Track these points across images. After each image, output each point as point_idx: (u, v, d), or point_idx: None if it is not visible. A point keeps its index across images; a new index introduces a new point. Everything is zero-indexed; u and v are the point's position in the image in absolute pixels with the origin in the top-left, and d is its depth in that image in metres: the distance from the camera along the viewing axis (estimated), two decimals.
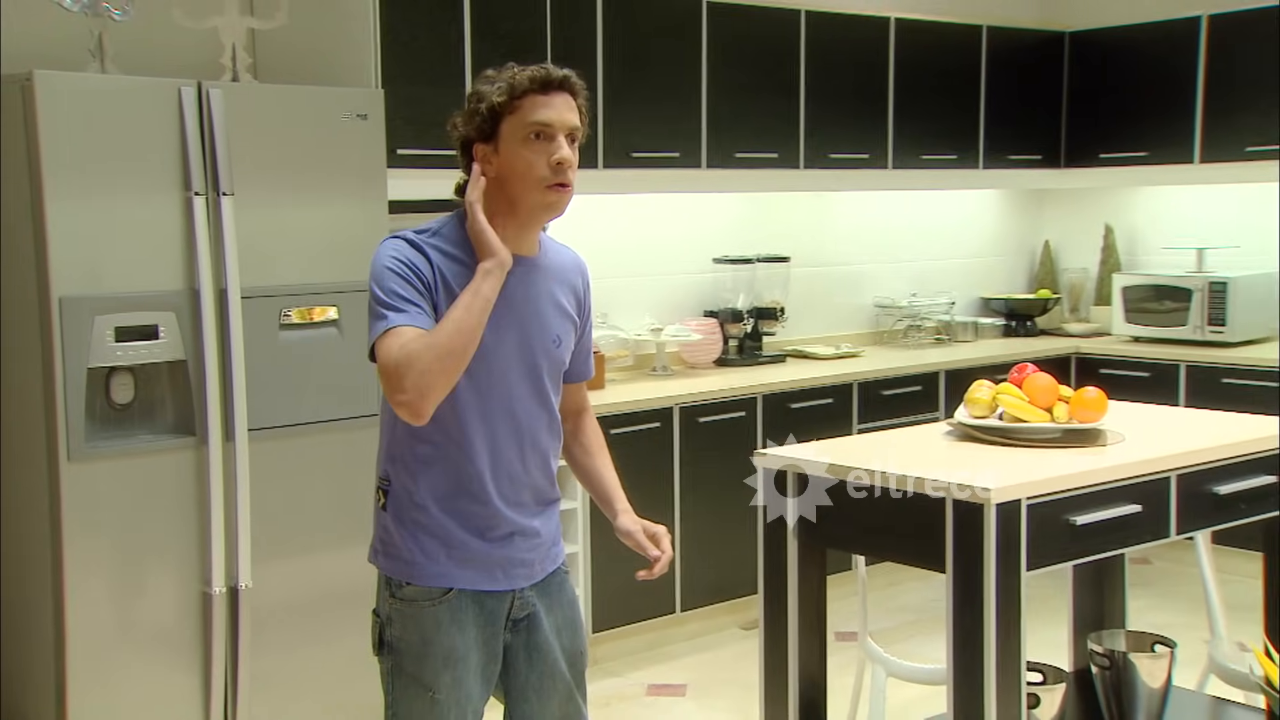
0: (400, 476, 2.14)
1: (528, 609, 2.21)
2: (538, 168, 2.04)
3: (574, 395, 2.35)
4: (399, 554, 2.15)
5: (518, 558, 2.17)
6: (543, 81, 2.05)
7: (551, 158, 2.04)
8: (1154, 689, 2.91)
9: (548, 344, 2.16)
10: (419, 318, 1.99)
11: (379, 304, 2.01)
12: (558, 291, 2.19)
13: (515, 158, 2.05)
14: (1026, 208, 6.40)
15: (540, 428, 2.17)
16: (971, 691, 2.32)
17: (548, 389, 2.18)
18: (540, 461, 2.19)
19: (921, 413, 5.05)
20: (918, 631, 4.66)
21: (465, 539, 2.12)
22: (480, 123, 2.06)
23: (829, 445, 2.78)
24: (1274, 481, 2.79)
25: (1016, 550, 2.30)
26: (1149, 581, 5.09)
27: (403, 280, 2.02)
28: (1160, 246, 5.93)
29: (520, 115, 2.04)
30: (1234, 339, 5.36)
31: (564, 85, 2.08)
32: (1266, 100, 5.25)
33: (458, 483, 2.11)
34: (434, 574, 2.12)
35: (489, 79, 2.09)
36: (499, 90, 2.05)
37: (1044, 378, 2.72)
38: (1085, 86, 5.87)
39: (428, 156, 3.94)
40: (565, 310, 2.21)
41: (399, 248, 2.06)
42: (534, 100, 2.04)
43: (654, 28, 4.58)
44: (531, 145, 2.04)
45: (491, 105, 2.04)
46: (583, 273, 2.28)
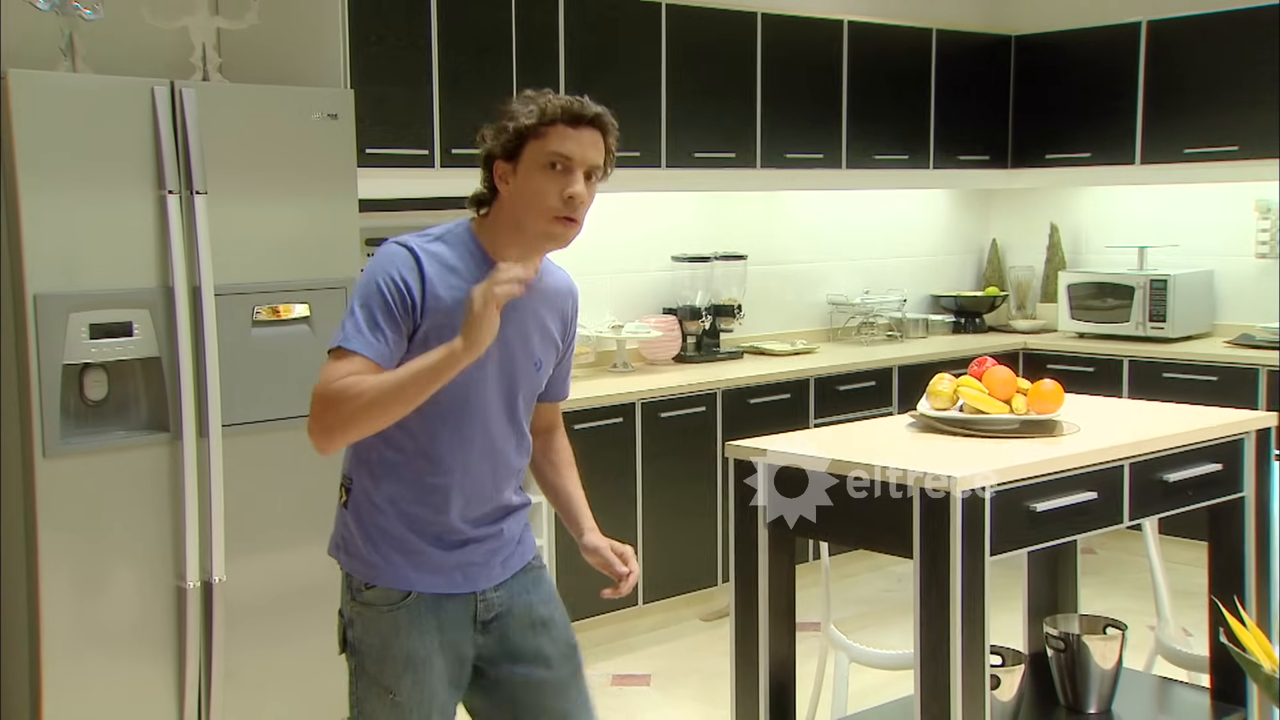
0: (362, 478, 2.14)
1: (494, 610, 2.21)
2: (549, 197, 2.03)
3: (547, 414, 2.35)
4: (359, 554, 2.15)
5: (476, 560, 2.17)
6: (573, 114, 2.05)
7: (564, 191, 2.03)
8: (1106, 670, 3.03)
9: (529, 368, 2.17)
10: (380, 350, 2.00)
11: (351, 316, 2.02)
12: (546, 315, 2.19)
13: (530, 182, 2.04)
14: (974, 207, 6.55)
15: (510, 448, 2.18)
16: (938, 673, 2.42)
17: (520, 411, 2.19)
18: (508, 479, 2.20)
19: (875, 407, 5.17)
20: (872, 621, 4.78)
21: (420, 545, 2.13)
22: (506, 141, 2.06)
23: (798, 438, 2.87)
24: (1219, 469, 2.92)
25: (980, 536, 2.40)
26: (1096, 570, 5.25)
27: (385, 305, 2.01)
28: (1103, 245, 6.10)
29: (544, 142, 2.03)
30: (1174, 334, 5.54)
31: (594, 122, 2.07)
32: (1204, 104, 5.42)
33: (418, 493, 2.11)
34: (392, 577, 2.12)
35: (526, 99, 2.09)
36: (530, 113, 2.04)
37: (1003, 371, 2.83)
38: (1031, 89, 6.02)
39: (396, 156, 3.99)
40: (550, 334, 2.21)
41: (396, 262, 2.05)
42: (561, 131, 2.04)
43: (615, 30, 4.65)
44: (548, 174, 2.04)
45: (520, 126, 2.04)
46: (573, 296, 2.27)
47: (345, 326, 2.02)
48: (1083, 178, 5.99)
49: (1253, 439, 3.01)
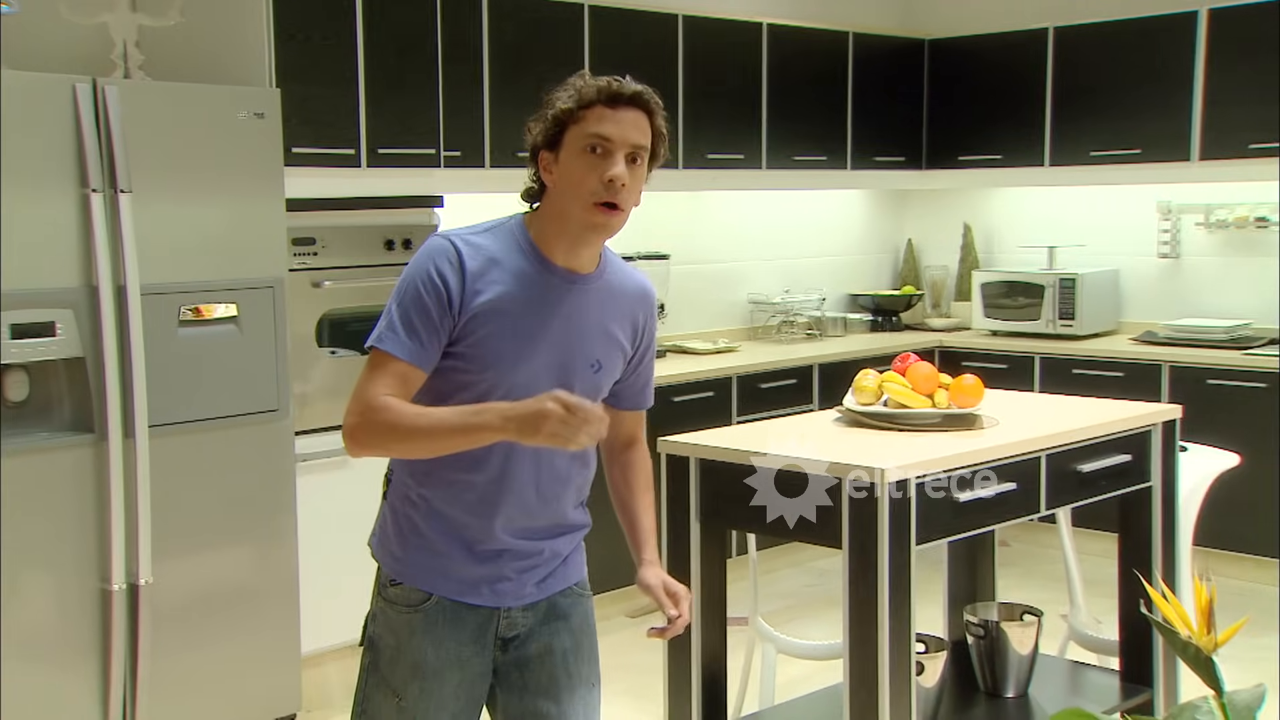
0: (402, 472, 2.08)
1: (517, 629, 2.10)
2: (588, 183, 1.93)
3: (627, 424, 2.23)
4: (389, 547, 2.10)
5: (507, 575, 2.07)
6: (610, 94, 1.96)
7: (604, 174, 1.93)
8: (1023, 655, 3.14)
9: (585, 369, 2.04)
10: (420, 355, 1.93)
11: (390, 313, 1.96)
12: (610, 315, 2.08)
13: (570, 169, 1.95)
14: (890, 207, 6.68)
15: (563, 456, 2.05)
16: (866, 659, 2.49)
17: None
18: (558, 491, 2.09)
19: (797, 405, 5.25)
20: (796, 615, 4.86)
21: (450, 549, 2.05)
22: (546, 129, 1.98)
23: (728, 433, 2.93)
24: (1129, 459, 3.04)
25: (907, 526, 2.48)
26: (1010, 562, 5.39)
27: (421, 305, 1.94)
28: (1015, 245, 6.26)
29: (582, 126, 1.94)
30: (1082, 332, 5.71)
31: (634, 101, 1.97)
32: (1108, 108, 5.60)
33: (455, 494, 2.03)
34: (415, 576, 2.06)
35: (565, 85, 2.00)
36: (567, 98, 1.97)
37: (925, 366, 2.92)
38: (944, 92, 6.16)
39: (323, 155, 3.98)
40: (614, 337, 2.09)
41: (435, 257, 1.97)
42: (599, 113, 1.94)
43: (538, 30, 4.68)
44: (587, 159, 1.94)
45: (557, 113, 1.96)
46: (646, 300, 2.15)
47: (382, 323, 1.96)
48: (994, 179, 6.14)
49: (1159, 431, 3.14)
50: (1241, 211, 5.59)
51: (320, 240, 3.91)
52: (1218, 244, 5.71)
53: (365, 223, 4.03)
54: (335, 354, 3.98)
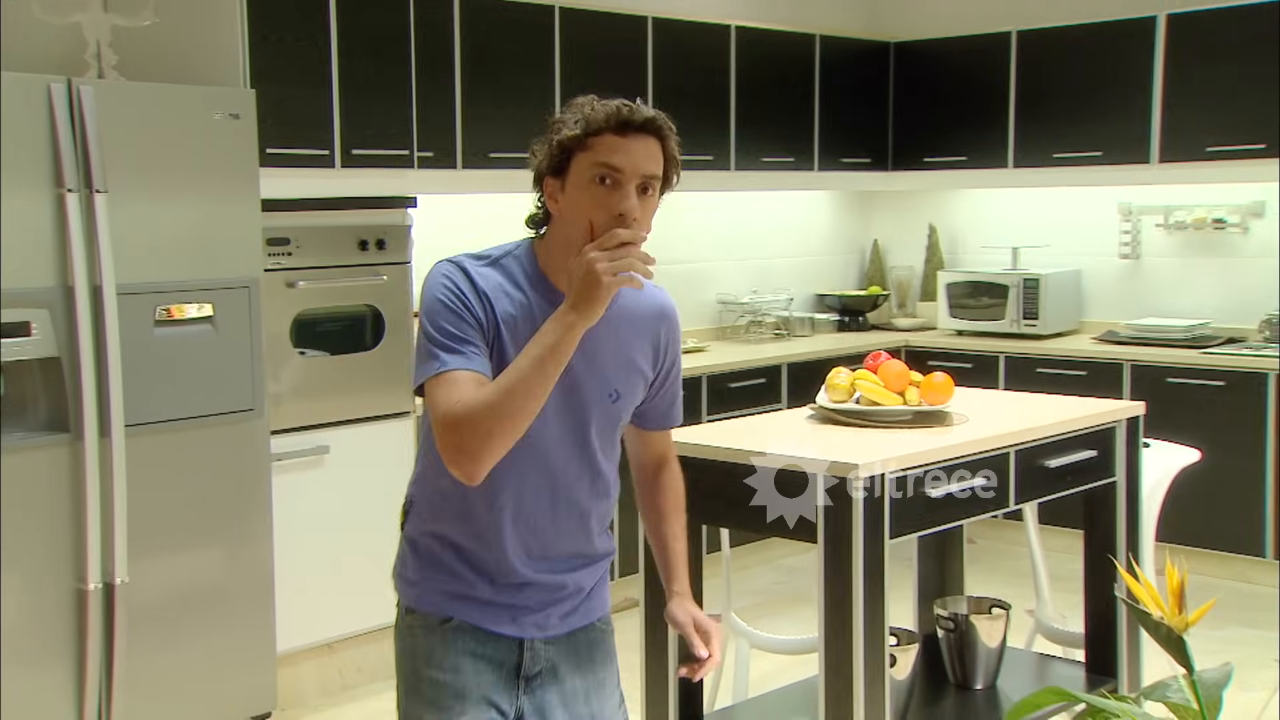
0: (421, 500, 2.02)
1: (540, 664, 2.01)
2: (597, 217, 1.82)
3: (655, 445, 2.15)
4: (408, 576, 2.03)
5: (529, 606, 1.99)
6: (621, 121, 1.84)
7: (614, 209, 1.81)
8: (992, 648, 3.21)
9: (601, 397, 1.95)
10: (476, 360, 1.84)
11: (430, 341, 1.85)
12: (629, 340, 1.98)
13: (578, 200, 1.84)
14: (857, 208, 6.75)
15: (581, 487, 1.97)
16: (841, 652, 2.54)
17: (595, 447, 1.97)
18: (578, 522, 2.00)
19: (765, 404, 5.31)
20: (767, 612, 4.91)
21: (472, 579, 1.97)
22: (552, 155, 1.87)
23: (702, 431, 2.98)
24: (1095, 455, 3.11)
25: (880, 521, 2.53)
26: (975, 559, 5.46)
27: (455, 316, 1.86)
28: (979, 245, 6.34)
29: (590, 154, 1.83)
30: (1046, 331, 5.79)
31: (646, 127, 1.86)
32: (1071, 111, 5.68)
33: (472, 526, 1.95)
34: (433, 602, 1.98)
35: (573, 108, 1.89)
36: (574, 123, 1.85)
37: (897, 364, 2.97)
38: (910, 94, 6.24)
39: (297, 156, 3.99)
40: (634, 363, 2.00)
41: (451, 276, 1.89)
42: (609, 141, 1.83)
43: (510, 32, 4.71)
44: (595, 190, 1.83)
45: (564, 139, 1.85)
46: (668, 319, 2.05)
47: (429, 353, 1.85)
48: (959, 180, 6.22)
49: (1124, 427, 3.21)
50: (1200, 213, 5.70)
51: (294, 240, 3.93)
52: (1177, 245, 5.81)
53: (339, 223, 4.04)
54: (304, 354, 3.99)
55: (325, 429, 4.00)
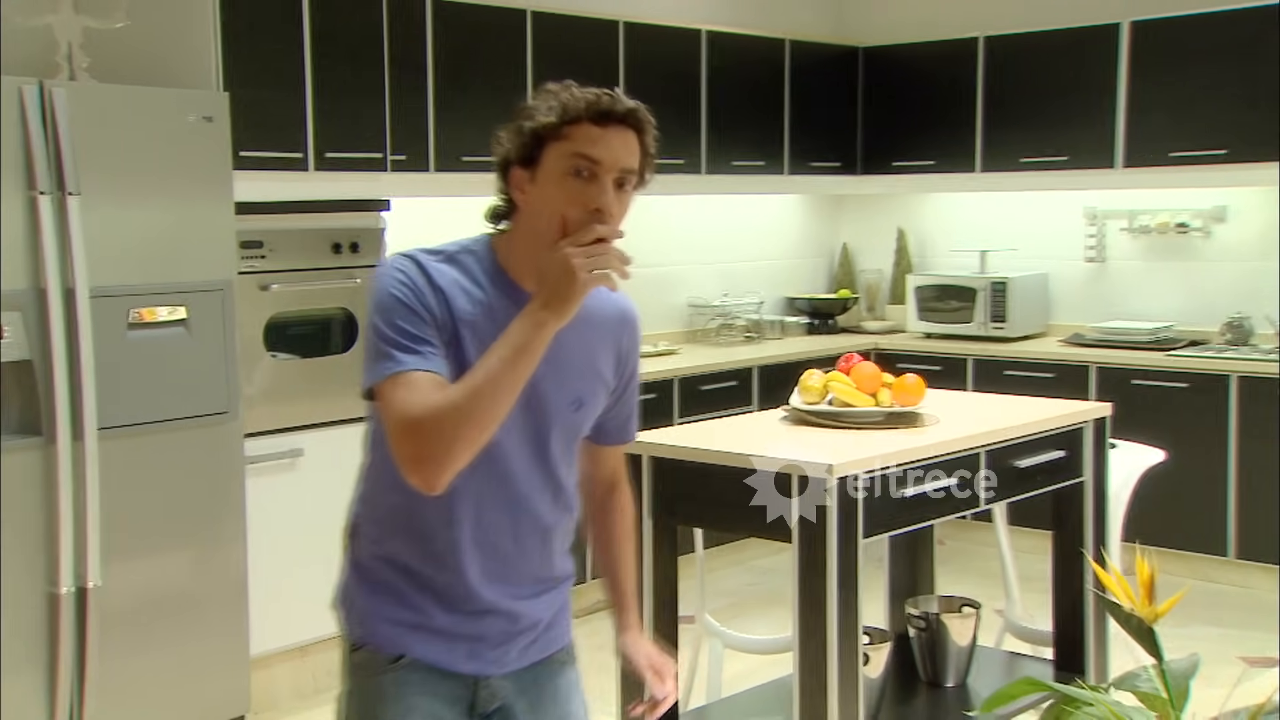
0: (368, 521, 1.88)
1: (497, 701, 1.88)
2: (570, 211, 1.71)
3: (607, 461, 2.04)
4: (354, 607, 1.88)
5: (489, 639, 1.86)
6: (600, 111, 1.73)
7: (590, 203, 1.71)
8: (962, 646, 3.25)
9: (563, 406, 1.84)
10: (434, 360, 1.71)
11: (384, 340, 1.71)
12: (591, 346, 1.87)
13: (549, 192, 1.73)
14: (826, 212, 6.80)
15: (542, 501, 1.85)
16: (816, 650, 2.58)
17: (556, 458, 1.85)
18: (540, 540, 1.87)
19: (737, 406, 5.34)
20: (739, 613, 4.93)
21: (426, 606, 1.83)
22: (522, 143, 1.75)
23: (678, 432, 3.00)
24: (1063, 455, 3.15)
25: (854, 520, 2.57)
26: (945, 559, 5.49)
27: (411, 313, 1.72)
28: (947, 249, 6.40)
29: (566, 144, 1.72)
30: (1013, 334, 5.86)
31: (626, 119, 1.75)
32: (1037, 116, 5.75)
33: (427, 546, 1.82)
34: (384, 638, 1.84)
35: (546, 95, 1.77)
36: (549, 110, 1.73)
37: (869, 366, 3.01)
38: (878, 99, 6.29)
39: (270, 159, 3.99)
40: (596, 370, 1.88)
41: (406, 271, 1.76)
42: (585, 130, 1.72)
43: (482, 36, 4.73)
44: (570, 182, 1.72)
45: (537, 127, 1.73)
46: (630, 325, 1.95)
47: (382, 353, 1.71)
48: (927, 184, 6.28)
49: (1091, 428, 3.26)
50: (1163, 217, 5.78)
51: (268, 243, 3.93)
52: (1141, 249, 5.89)
53: (313, 226, 4.04)
54: (277, 357, 3.99)
55: (299, 432, 4.00)
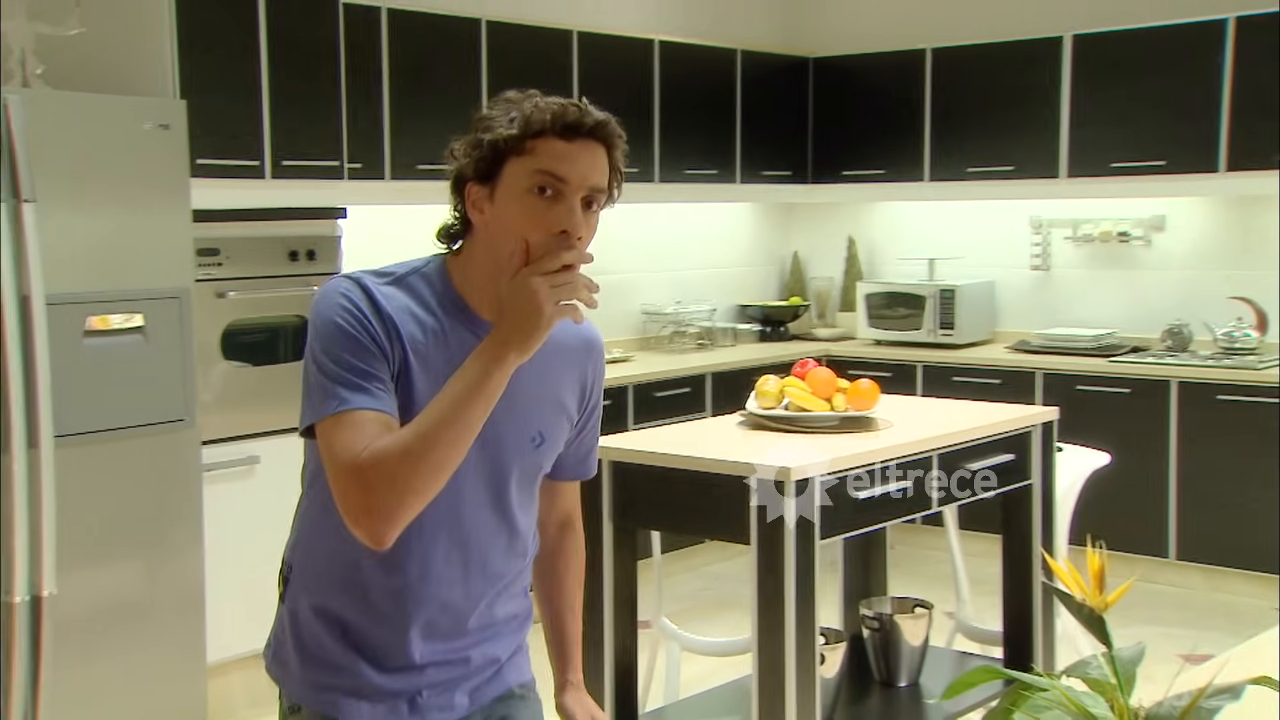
0: (303, 568, 1.72)
1: None
2: (534, 232, 1.55)
3: (562, 499, 1.88)
4: (288, 664, 1.72)
5: (436, 686, 1.71)
6: (567, 124, 1.58)
7: (555, 225, 1.55)
8: (915, 646, 3.31)
9: (523, 443, 1.68)
10: (382, 398, 1.55)
11: (325, 374, 1.56)
12: (554, 377, 1.71)
13: (510, 213, 1.57)
14: (777, 221, 6.88)
15: (496, 546, 1.70)
16: (774, 650, 2.62)
17: (513, 500, 1.70)
18: (490, 588, 1.71)
19: (690, 413, 5.39)
20: (693, 617, 4.99)
21: (359, 667, 1.67)
22: (480, 158, 1.59)
23: (636, 436, 3.04)
24: (1012, 458, 3.23)
25: (811, 522, 2.62)
26: (895, 564, 5.56)
27: (356, 344, 1.56)
28: (896, 257, 6.50)
29: (529, 160, 1.56)
30: (961, 341, 5.96)
31: (594, 132, 1.60)
32: (983, 127, 5.87)
33: (368, 600, 1.66)
34: (318, 697, 1.69)
35: (506, 104, 1.61)
36: (510, 122, 1.58)
37: (824, 371, 3.07)
38: (829, 109, 6.38)
39: (227, 167, 3.99)
40: (560, 402, 1.74)
41: (350, 296, 1.59)
42: (550, 145, 1.57)
43: (437, 44, 4.75)
44: (532, 202, 1.56)
45: (497, 139, 1.57)
46: (596, 353, 1.79)
47: (322, 388, 1.56)
48: (877, 193, 6.38)
49: (1039, 431, 3.34)
50: (1105, 226, 5.91)
51: (224, 251, 3.93)
52: (1084, 257, 6.02)
53: (269, 234, 4.05)
54: (234, 364, 3.99)
55: (255, 439, 4.00)
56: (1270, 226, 5.48)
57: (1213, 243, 5.69)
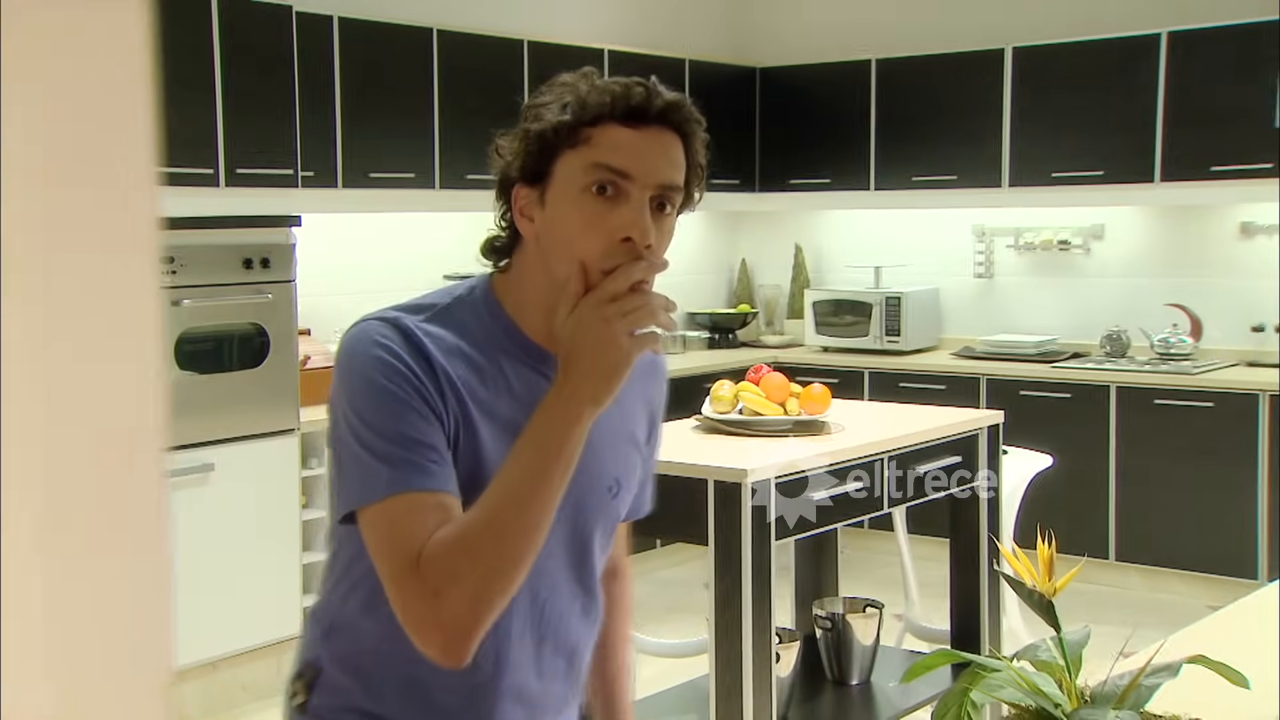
0: (340, 669, 1.40)
1: None
2: (592, 244, 1.27)
3: (615, 545, 1.54)
4: None
5: None
6: (632, 107, 1.30)
7: (617, 231, 1.27)
8: (866, 645, 3.38)
9: (604, 495, 1.42)
10: (440, 476, 1.25)
11: (365, 447, 1.25)
12: (626, 413, 1.43)
13: (564, 218, 1.30)
14: (725, 228, 6.96)
15: (573, 613, 1.43)
16: (731, 649, 2.68)
17: (594, 561, 1.44)
18: (565, 664, 1.45)
19: None
20: (643, 621, 5.03)
21: None
22: (527, 153, 1.32)
23: None
24: (959, 460, 3.32)
25: (767, 523, 2.68)
26: (843, 567, 5.63)
27: (403, 407, 1.26)
28: (843, 265, 6.60)
29: (586, 153, 1.29)
30: (907, 347, 6.06)
31: (665, 117, 1.32)
32: (928, 137, 5.98)
33: (430, 701, 1.37)
34: None
35: (560, 88, 1.34)
36: (561, 108, 1.31)
37: (777, 376, 3.13)
38: (776, 118, 6.47)
39: (181, 175, 4.03)
40: (633, 438, 1.47)
41: (389, 344, 1.29)
42: (611, 134, 1.29)
43: (390, 53, 4.79)
44: (591, 204, 1.28)
45: (545, 130, 1.30)
46: (660, 375, 1.54)
47: (363, 467, 1.25)
48: (823, 202, 6.48)
49: (985, 434, 3.43)
50: (1046, 235, 6.05)
51: (179, 259, 3.93)
52: (1026, 265, 6.15)
53: (223, 241, 4.06)
54: (188, 372, 4.00)
55: (210, 447, 4.00)
56: (1204, 234, 5.64)
57: (1149, 251, 5.84)
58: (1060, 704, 1.14)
